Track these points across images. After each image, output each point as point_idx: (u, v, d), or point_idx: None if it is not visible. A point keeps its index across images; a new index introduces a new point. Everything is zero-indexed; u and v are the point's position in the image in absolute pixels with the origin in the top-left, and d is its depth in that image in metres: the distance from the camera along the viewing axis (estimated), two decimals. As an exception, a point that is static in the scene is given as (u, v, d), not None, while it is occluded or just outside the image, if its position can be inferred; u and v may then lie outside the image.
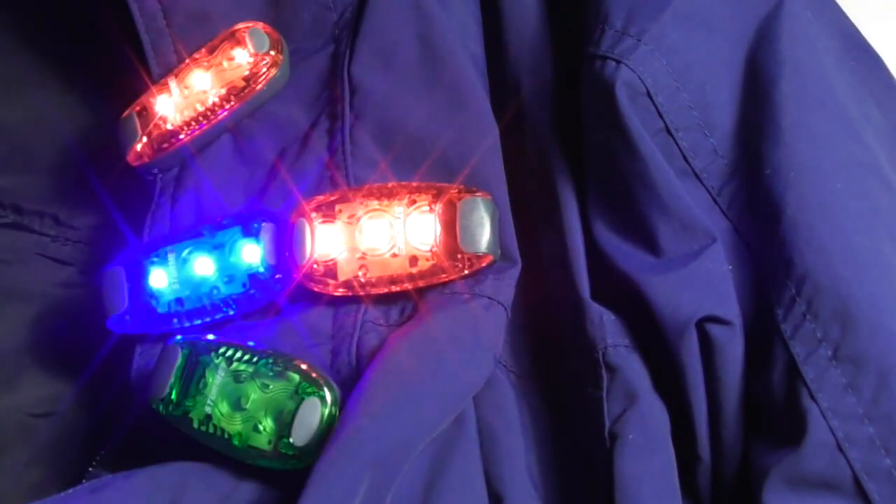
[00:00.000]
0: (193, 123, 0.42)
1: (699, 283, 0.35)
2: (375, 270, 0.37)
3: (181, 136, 0.42)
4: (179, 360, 0.36)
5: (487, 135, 0.39)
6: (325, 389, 0.34)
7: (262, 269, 0.38)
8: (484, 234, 0.36)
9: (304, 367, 0.35)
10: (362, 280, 0.37)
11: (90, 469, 0.41)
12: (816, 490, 0.32)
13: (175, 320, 0.39)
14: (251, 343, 0.36)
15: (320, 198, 0.38)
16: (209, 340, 0.37)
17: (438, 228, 0.37)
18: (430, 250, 0.37)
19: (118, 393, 0.42)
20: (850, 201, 0.34)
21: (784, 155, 0.35)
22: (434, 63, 0.40)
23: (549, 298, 0.40)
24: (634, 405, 0.35)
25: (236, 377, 0.35)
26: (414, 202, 0.37)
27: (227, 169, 0.42)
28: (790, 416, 0.33)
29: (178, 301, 0.39)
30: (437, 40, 0.40)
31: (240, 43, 0.41)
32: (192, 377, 0.36)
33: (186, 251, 0.39)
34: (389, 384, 0.33)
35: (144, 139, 0.42)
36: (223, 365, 0.36)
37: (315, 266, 0.37)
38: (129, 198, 0.45)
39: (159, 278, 0.39)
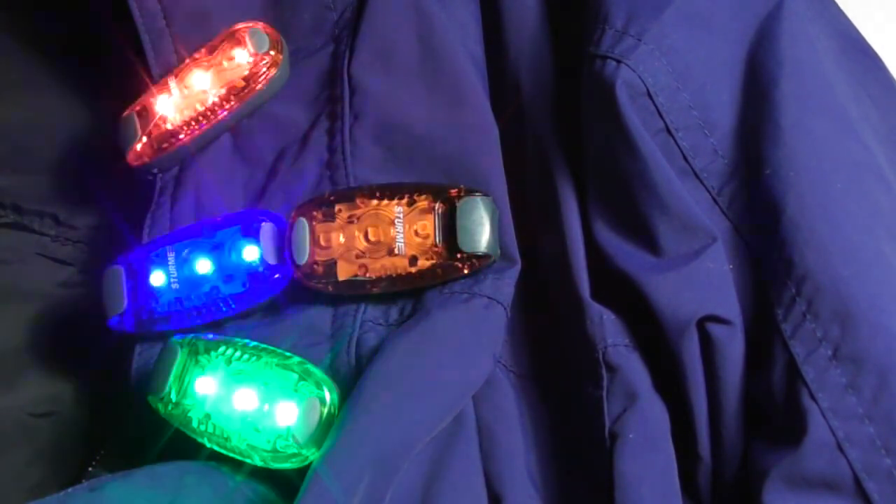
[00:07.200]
0: (193, 123, 0.42)
1: (700, 283, 0.35)
2: (375, 270, 0.37)
3: (181, 136, 0.42)
4: (179, 360, 0.36)
5: (487, 134, 0.39)
6: (325, 388, 0.34)
7: (261, 269, 0.38)
8: (484, 234, 0.36)
9: (303, 366, 0.35)
10: (362, 279, 0.37)
11: (90, 469, 0.41)
12: (816, 490, 0.31)
13: (175, 320, 0.39)
14: (250, 342, 0.36)
15: (320, 197, 0.38)
16: (208, 340, 0.37)
17: (438, 228, 0.37)
18: (430, 250, 0.37)
19: (118, 393, 0.42)
20: (850, 201, 0.34)
21: (784, 155, 0.35)
22: (434, 63, 0.40)
23: (549, 298, 0.40)
24: (634, 405, 0.35)
25: (235, 376, 0.35)
26: (414, 202, 0.37)
27: (227, 169, 0.42)
28: (790, 415, 0.33)
29: (178, 300, 0.39)
30: (437, 40, 0.40)
31: (240, 43, 0.41)
32: (192, 376, 0.36)
33: (186, 251, 0.39)
34: (389, 383, 0.33)
35: (144, 139, 0.42)
36: (222, 364, 0.36)
37: (315, 265, 0.37)
38: (129, 198, 0.45)
39: (159, 278, 0.39)
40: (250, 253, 0.39)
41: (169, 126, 0.42)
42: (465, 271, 0.37)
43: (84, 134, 0.49)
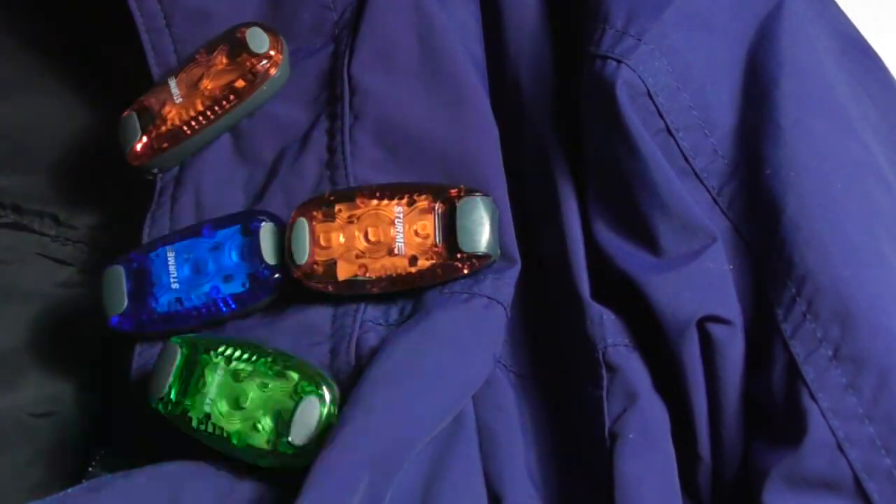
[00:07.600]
0: (193, 123, 0.42)
1: (700, 283, 0.35)
2: (375, 270, 0.37)
3: (181, 136, 0.42)
4: (178, 360, 0.36)
5: (487, 135, 0.39)
6: (324, 388, 0.34)
7: (261, 269, 0.38)
8: (484, 234, 0.36)
9: (302, 366, 0.35)
10: (362, 279, 0.37)
11: (90, 469, 0.41)
12: (816, 490, 0.31)
13: (175, 320, 0.39)
14: (250, 342, 0.36)
15: (320, 197, 0.38)
16: (208, 339, 0.37)
17: (438, 228, 0.37)
18: (430, 250, 0.37)
19: (118, 393, 0.42)
20: (850, 201, 0.34)
21: (784, 155, 0.35)
22: (434, 63, 0.40)
23: (549, 298, 0.40)
24: (634, 405, 0.35)
25: (235, 376, 0.35)
26: (414, 202, 0.37)
27: (227, 169, 0.42)
28: (790, 416, 0.33)
29: (178, 300, 0.39)
30: (437, 40, 0.40)
31: (240, 43, 0.41)
32: (191, 376, 0.36)
33: (186, 251, 0.39)
34: (388, 383, 0.33)
35: (144, 139, 0.42)
36: (222, 364, 0.36)
37: (314, 265, 0.37)
38: (129, 198, 0.45)
39: (159, 278, 0.39)
40: (250, 253, 0.39)
41: (169, 126, 0.42)
42: (465, 271, 0.37)
43: (84, 134, 0.49)
